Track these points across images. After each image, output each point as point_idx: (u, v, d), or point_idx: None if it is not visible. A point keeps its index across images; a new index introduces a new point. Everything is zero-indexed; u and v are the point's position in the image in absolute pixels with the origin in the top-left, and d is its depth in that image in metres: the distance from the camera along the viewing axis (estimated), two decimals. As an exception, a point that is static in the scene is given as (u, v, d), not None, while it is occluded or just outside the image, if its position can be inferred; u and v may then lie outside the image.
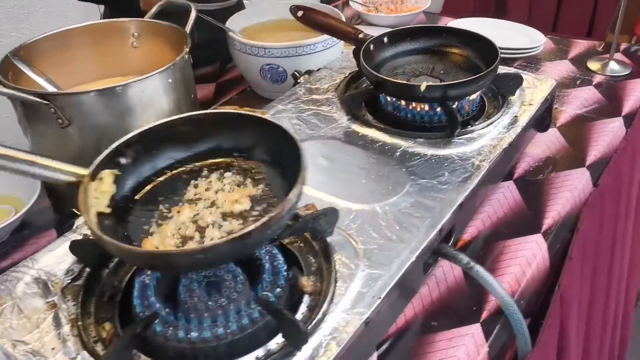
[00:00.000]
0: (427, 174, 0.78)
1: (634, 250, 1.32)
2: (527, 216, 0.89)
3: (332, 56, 1.16)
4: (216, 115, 0.68)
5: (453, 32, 0.99)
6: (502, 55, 1.31)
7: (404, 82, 0.87)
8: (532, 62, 1.33)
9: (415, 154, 0.82)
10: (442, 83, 0.88)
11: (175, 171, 0.68)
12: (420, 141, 0.85)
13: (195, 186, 0.66)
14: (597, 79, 1.25)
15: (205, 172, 0.68)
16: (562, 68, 1.30)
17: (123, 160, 0.64)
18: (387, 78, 0.86)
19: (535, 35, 1.37)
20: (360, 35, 0.99)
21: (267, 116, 0.66)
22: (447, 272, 0.80)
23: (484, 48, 0.93)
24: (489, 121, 0.88)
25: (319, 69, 1.08)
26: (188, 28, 0.96)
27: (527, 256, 0.82)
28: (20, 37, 0.94)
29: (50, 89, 0.90)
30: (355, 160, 0.82)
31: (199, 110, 0.99)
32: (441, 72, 0.95)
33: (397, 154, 0.83)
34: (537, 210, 0.90)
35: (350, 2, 1.57)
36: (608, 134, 1.07)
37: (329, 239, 0.67)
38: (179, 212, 0.61)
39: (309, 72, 1.08)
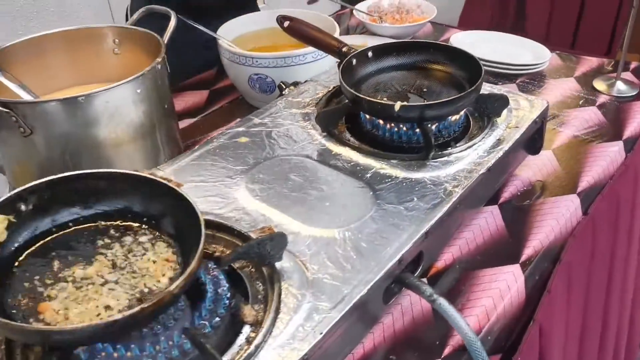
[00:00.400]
0: (395, 198, 0.75)
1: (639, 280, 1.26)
2: (507, 244, 0.85)
3: (322, 68, 1.12)
4: (130, 176, 0.64)
5: (440, 48, 0.95)
6: (505, 71, 1.27)
7: (378, 100, 0.83)
8: (536, 79, 1.28)
9: (387, 177, 0.79)
10: (417, 103, 0.84)
11: (79, 227, 0.63)
12: (394, 163, 0.81)
13: (96, 247, 0.61)
14: (602, 99, 1.19)
15: (111, 233, 0.63)
16: (567, 86, 1.25)
17: (23, 207, 0.59)
18: (361, 96, 0.83)
19: (540, 51, 1.32)
20: (344, 49, 0.96)
21: (180, 188, 0.62)
22: (414, 302, 0.76)
23: (470, 66, 0.89)
24: (469, 144, 0.84)
25: (305, 81, 1.05)
26: (166, 37, 0.94)
27: (501, 288, 0.78)
28: (29, 35, 0.93)
29: (24, 95, 0.89)
30: (323, 181, 0.78)
31: (174, 120, 0.98)
32: (424, 90, 0.91)
33: (368, 175, 0.79)
34: (518, 238, 0.86)
35: (354, 12, 1.53)
36: (605, 158, 1.02)
37: (279, 265, 0.64)
38: (72, 273, 0.58)
39: (295, 84, 1.05)
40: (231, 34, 1.23)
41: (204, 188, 0.77)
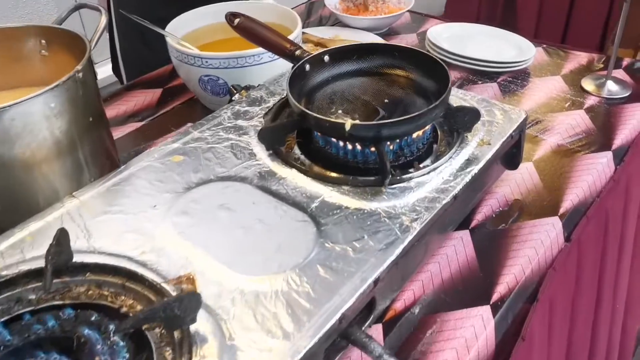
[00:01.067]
0: (343, 236, 0.64)
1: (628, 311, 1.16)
2: (478, 280, 0.75)
3: (282, 68, 1.00)
4: None
5: (406, 52, 0.83)
6: (485, 69, 1.15)
7: (326, 118, 0.71)
8: (519, 78, 1.16)
9: (336, 207, 0.68)
10: (371, 122, 0.72)
11: None
12: (346, 189, 0.70)
13: None
14: (591, 101, 1.08)
15: None
16: (552, 86, 1.13)
17: None
18: (307, 111, 0.72)
19: (525, 47, 1.20)
20: (297, 52, 0.84)
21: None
22: (365, 356, 0.66)
23: (438, 74, 0.78)
24: (433, 165, 0.73)
25: (258, 85, 0.93)
26: (95, 38, 0.83)
27: (467, 337, 0.68)
28: None
29: None
30: (260, 213, 0.67)
31: (104, 132, 0.86)
32: (386, 101, 0.80)
33: (314, 205, 0.68)
34: (490, 272, 0.75)
35: (325, 1, 1.41)
36: (592, 172, 0.91)
37: (194, 328, 0.54)
38: None
39: (247, 88, 0.94)
40: (184, 29, 1.11)
41: (121, 221, 0.66)
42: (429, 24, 1.41)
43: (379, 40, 1.29)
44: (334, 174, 0.72)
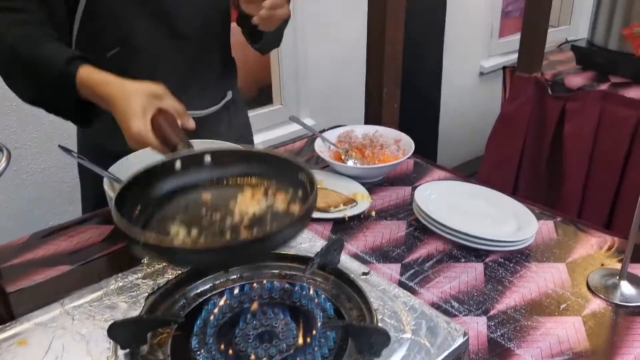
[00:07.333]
0: None
1: None
2: None
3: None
4: None
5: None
6: (472, 245, 0.97)
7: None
8: (512, 260, 0.97)
9: None
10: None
11: None
12: None
13: None
14: (595, 305, 0.86)
15: None
16: (551, 277, 0.93)
17: None
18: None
19: (526, 221, 1.02)
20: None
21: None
22: None
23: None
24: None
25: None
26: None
27: None
28: None
29: None
30: None
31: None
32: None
33: None
34: None
35: (315, 143, 1.28)
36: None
37: None
38: None
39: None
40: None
41: None
42: (431, 176, 1.26)
43: (364, 192, 1.15)
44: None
